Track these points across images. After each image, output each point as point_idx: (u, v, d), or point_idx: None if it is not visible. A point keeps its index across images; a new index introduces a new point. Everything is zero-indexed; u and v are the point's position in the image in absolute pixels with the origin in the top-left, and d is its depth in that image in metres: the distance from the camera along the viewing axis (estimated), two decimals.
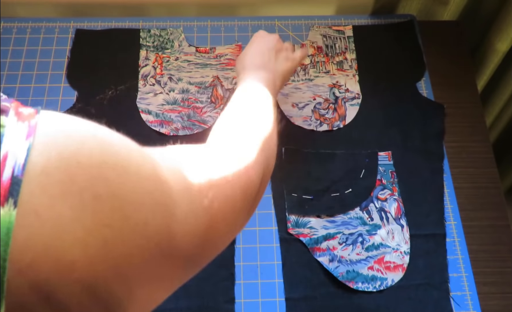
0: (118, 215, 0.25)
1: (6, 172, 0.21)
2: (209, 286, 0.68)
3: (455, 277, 0.71)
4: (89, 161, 0.24)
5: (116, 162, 0.26)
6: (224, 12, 0.95)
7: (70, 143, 0.24)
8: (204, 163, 0.37)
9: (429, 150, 0.80)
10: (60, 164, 0.23)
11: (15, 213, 0.21)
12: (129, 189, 0.26)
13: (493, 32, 0.92)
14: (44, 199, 0.22)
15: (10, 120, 0.23)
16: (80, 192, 0.23)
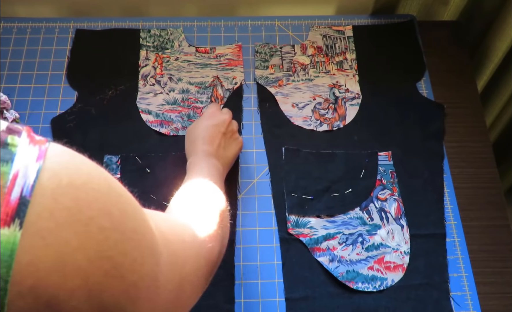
0: (119, 249, 0.25)
1: (15, 192, 0.21)
2: (209, 286, 0.68)
3: (455, 277, 0.71)
4: (97, 194, 0.25)
5: (119, 201, 0.27)
6: (224, 12, 0.95)
7: (80, 174, 0.24)
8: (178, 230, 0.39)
9: (429, 150, 0.80)
10: (70, 191, 0.23)
11: (19, 234, 0.21)
12: (129, 227, 0.27)
13: (493, 32, 0.92)
14: (51, 223, 0.22)
15: (23, 141, 0.23)
16: (87, 221, 0.23)
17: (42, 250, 0.21)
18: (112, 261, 0.25)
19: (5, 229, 0.20)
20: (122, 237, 0.26)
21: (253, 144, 0.80)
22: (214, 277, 0.68)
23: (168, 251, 0.33)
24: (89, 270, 0.23)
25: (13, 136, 0.23)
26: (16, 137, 0.23)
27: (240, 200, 0.75)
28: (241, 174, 0.77)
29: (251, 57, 0.88)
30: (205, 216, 0.47)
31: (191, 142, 0.67)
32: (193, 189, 0.54)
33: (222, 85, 0.84)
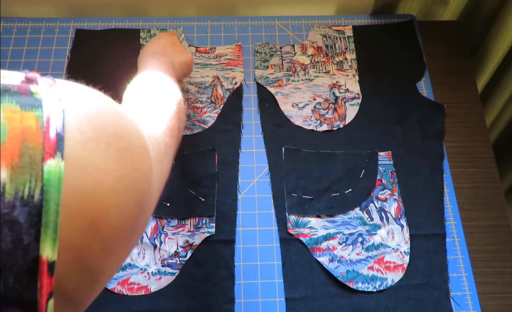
0: (133, 166, 0.29)
1: (52, 130, 0.24)
2: (209, 286, 0.68)
3: (455, 277, 0.71)
4: (108, 121, 0.28)
5: (124, 123, 0.30)
6: (224, 12, 0.95)
7: (92, 105, 0.28)
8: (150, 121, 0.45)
9: (429, 150, 0.80)
10: (89, 123, 0.27)
11: (63, 164, 0.24)
12: (135, 144, 0.31)
13: (493, 32, 0.92)
14: (84, 153, 0.25)
15: (42, 88, 0.26)
16: (107, 146, 0.27)
17: (83, 175, 0.25)
18: (129, 178, 0.28)
19: (51, 160, 0.23)
20: (132, 155, 0.29)
21: (253, 144, 0.80)
22: (214, 277, 0.69)
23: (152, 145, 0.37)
24: (116, 188, 0.27)
25: (34, 85, 0.26)
26: (36, 85, 0.26)
27: (240, 200, 0.75)
28: (241, 174, 0.77)
29: (251, 57, 0.88)
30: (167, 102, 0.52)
31: (141, 57, 0.70)
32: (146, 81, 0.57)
33: (222, 85, 0.84)
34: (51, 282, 0.23)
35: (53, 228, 0.23)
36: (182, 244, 0.70)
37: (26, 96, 0.25)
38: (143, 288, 0.68)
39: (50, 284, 0.23)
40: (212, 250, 0.71)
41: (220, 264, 0.70)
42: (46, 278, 0.23)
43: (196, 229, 0.72)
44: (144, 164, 0.31)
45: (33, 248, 0.22)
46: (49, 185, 0.23)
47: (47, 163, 0.23)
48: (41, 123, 0.24)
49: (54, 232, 0.23)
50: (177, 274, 0.69)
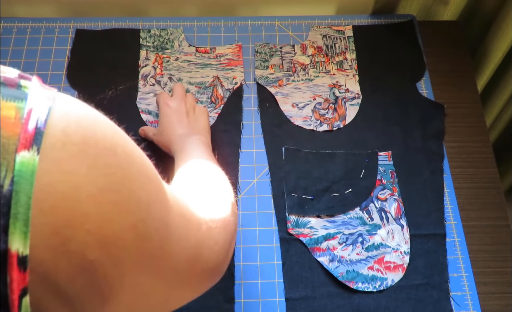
0: (126, 185, 0.28)
1: (31, 123, 0.24)
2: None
3: (455, 277, 0.71)
4: (102, 135, 0.27)
5: (125, 144, 0.29)
6: (224, 12, 0.95)
7: (87, 117, 0.27)
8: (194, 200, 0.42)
9: (429, 150, 0.80)
10: (78, 129, 0.26)
11: (38, 158, 0.23)
12: (134, 169, 0.29)
13: (493, 32, 0.92)
14: (64, 153, 0.24)
15: (34, 84, 0.26)
16: (94, 156, 0.26)
17: (58, 175, 0.24)
18: (120, 195, 0.27)
19: (25, 152, 0.23)
20: (127, 174, 0.28)
21: (253, 144, 0.80)
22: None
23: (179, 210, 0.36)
24: (100, 198, 0.26)
25: (25, 80, 0.26)
26: (28, 81, 0.26)
27: (240, 200, 0.75)
28: (241, 174, 0.77)
29: (251, 57, 0.88)
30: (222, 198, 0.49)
31: (163, 136, 0.70)
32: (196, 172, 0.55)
33: (222, 85, 0.84)
34: (24, 278, 0.22)
35: (23, 220, 0.22)
36: None
37: (12, 88, 0.24)
38: None
39: (23, 279, 0.22)
40: None
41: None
42: (17, 273, 0.22)
43: None
44: (146, 193, 0.30)
45: (2, 240, 0.22)
46: (20, 176, 0.22)
47: (20, 154, 0.23)
48: (21, 115, 0.24)
49: (25, 225, 0.22)
50: None
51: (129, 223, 0.28)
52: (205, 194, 0.48)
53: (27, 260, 0.22)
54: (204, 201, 0.45)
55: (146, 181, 0.30)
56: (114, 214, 0.26)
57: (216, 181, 0.54)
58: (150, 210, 0.30)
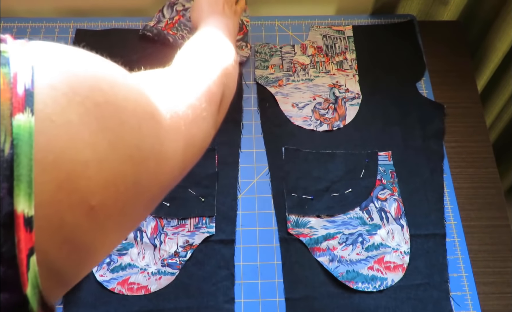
0: (116, 119, 0.28)
1: (20, 86, 0.24)
2: (209, 286, 0.68)
3: (455, 277, 0.71)
4: (85, 73, 0.27)
5: (107, 75, 0.29)
6: None
7: (66, 61, 0.27)
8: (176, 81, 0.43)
9: (429, 150, 0.80)
10: (62, 78, 0.26)
11: (33, 119, 0.23)
12: (121, 97, 0.29)
13: (493, 32, 0.92)
14: (55, 107, 0.25)
15: (11, 46, 0.26)
16: (82, 101, 0.26)
17: (54, 130, 0.24)
18: (113, 131, 0.27)
19: (20, 115, 0.23)
20: (116, 107, 0.28)
21: (253, 145, 0.80)
22: (214, 277, 0.69)
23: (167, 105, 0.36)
24: (95, 142, 0.26)
25: (2, 44, 0.26)
26: (4, 44, 0.26)
27: (240, 200, 0.75)
28: (241, 174, 0.77)
29: (251, 57, 0.88)
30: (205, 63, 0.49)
31: (196, 11, 0.69)
32: (198, 42, 0.55)
33: None
34: (30, 238, 0.23)
35: (26, 182, 0.23)
36: (182, 244, 0.70)
37: None
38: (143, 288, 0.68)
39: (30, 239, 0.23)
40: (212, 250, 0.71)
41: (220, 264, 0.70)
42: (24, 233, 0.23)
43: (196, 229, 0.72)
44: (136, 118, 0.30)
45: (7, 202, 0.22)
46: (19, 139, 0.23)
47: (16, 117, 0.23)
48: (8, 80, 0.24)
49: (29, 186, 0.23)
50: (177, 274, 0.69)
51: (126, 155, 0.28)
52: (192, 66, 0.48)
53: (32, 220, 0.23)
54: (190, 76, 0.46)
55: (134, 104, 0.30)
56: (111, 152, 0.27)
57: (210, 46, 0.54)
58: (142, 133, 0.30)
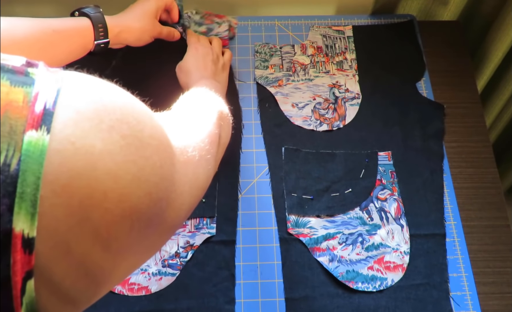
0: (141, 154, 0.28)
1: (39, 105, 0.24)
2: (210, 286, 0.68)
3: (455, 277, 0.71)
4: (113, 106, 0.27)
5: (135, 110, 0.29)
6: (224, 12, 0.95)
7: (95, 90, 0.27)
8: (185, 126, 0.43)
9: (429, 150, 0.80)
10: (89, 105, 0.26)
11: (48, 138, 0.23)
12: (147, 134, 0.29)
13: (493, 32, 0.92)
14: (77, 130, 0.24)
15: (41, 71, 0.26)
16: (109, 129, 0.26)
17: (72, 153, 0.23)
18: (137, 165, 0.27)
19: (33, 131, 0.23)
20: (141, 142, 0.28)
21: (253, 145, 0.80)
22: (215, 278, 0.69)
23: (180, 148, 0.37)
24: (118, 173, 0.25)
25: (32, 68, 0.26)
26: (34, 69, 0.26)
27: (240, 200, 0.75)
28: (241, 174, 0.77)
29: (251, 57, 0.88)
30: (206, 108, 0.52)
31: (185, 74, 0.72)
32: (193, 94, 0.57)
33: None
34: (29, 261, 0.22)
35: (30, 201, 0.22)
36: (183, 245, 0.70)
37: (20, 75, 0.24)
38: (143, 288, 0.68)
39: (28, 262, 0.22)
40: (213, 250, 0.71)
41: (221, 265, 0.70)
42: (21, 254, 0.22)
43: (196, 230, 0.71)
44: (159, 156, 0.30)
45: (6, 219, 0.21)
46: (27, 155, 0.22)
47: (28, 134, 0.22)
48: (28, 99, 0.23)
49: (32, 206, 0.22)
50: (178, 275, 0.69)
51: (145, 192, 0.28)
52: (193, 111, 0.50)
53: (33, 242, 0.22)
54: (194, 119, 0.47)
55: (158, 143, 0.30)
56: (133, 187, 0.26)
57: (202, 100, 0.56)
58: (162, 172, 0.30)
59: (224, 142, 0.55)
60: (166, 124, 0.37)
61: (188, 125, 0.44)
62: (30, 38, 0.57)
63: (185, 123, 0.44)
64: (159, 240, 0.35)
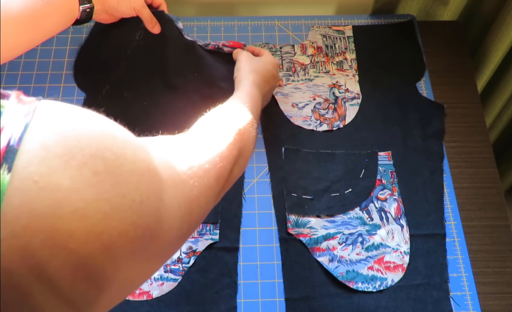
0: (116, 191, 0.26)
1: (2, 141, 0.22)
2: (211, 293, 0.68)
3: (455, 277, 0.71)
4: (88, 140, 0.26)
5: (114, 144, 0.27)
6: (224, 12, 0.95)
7: (70, 123, 0.26)
8: (186, 153, 0.40)
9: (429, 150, 0.80)
10: (59, 140, 0.24)
11: (8, 177, 0.22)
12: (126, 170, 0.27)
13: (493, 32, 0.92)
14: (42, 168, 0.23)
15: (10, 103, 0.25)
16: (79, 166, 0.24)
17: (35, 192, 0.22)
18: (110, 203, 0.25)
19: None
20: (118, 179, 0.26)
21: None
22: (217, 285, 0.68)
23: (174, 180, 0.35)
24: (87, 212, 0.24)
25: (3, 99, 0.24)
26: (4, 101, 0.24)
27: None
28: None
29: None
30: (219, 135, 0.48)
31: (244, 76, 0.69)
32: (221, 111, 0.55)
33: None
34: None
35: None
36: (185, 250, 0.70)
37: None
38: (145, 293, 0.67)
39: None
40: (215, 257, 0.70)
41: (223, 272, 0.69)
42: None
43: (199, 235, 0.71)
44: (139, 193, 0.28)
45: None
46: None
47: None
48: None
49: None
50: (180, 281, 0.68)
51: (120, 230, 0.26)
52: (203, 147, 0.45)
53: None
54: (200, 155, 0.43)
55: (139, 178, 0.29)
56: (104, 226, 0.25)
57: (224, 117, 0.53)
58: (142, 209, 0.28)
59: (235, 175, 0.51)
60: (164, 154, 0.35)
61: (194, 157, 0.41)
62: (24, 13, 0.58)
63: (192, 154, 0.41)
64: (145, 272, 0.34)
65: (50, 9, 0.62)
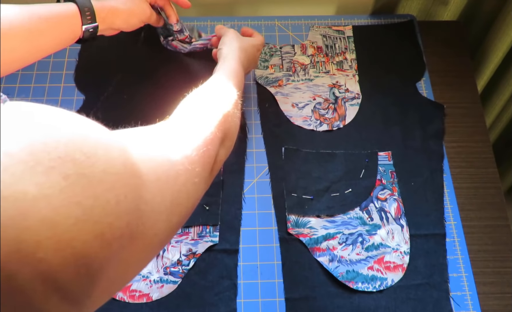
0: (88, 193, 0.25)
1: None
2: (211, 295, 0.68)
3: (455, 277, 0.71)
4: (56, 142, 0.24)
5: (85, 144, 0.26)
6: (224, 12, 0.95)
7: (36, 126, 0.24)
8: (168, 143, 0.39)
9: (429, 150, 0.80)
10: (24, 145, 0.23)
11: None
12: (99, 169, 0.26)
13: (493, 32, 0.92)
14: (5, 176, 0.21)
15: None
16: (46, 171, 0.23)
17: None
18: (82, 206, 0.24)
19: None
20: (90, 180, 0.25)
21: (253, 144, 0.80)
22: (216, 287, 0.68)
23: (156, 173, 0.33)
24: (56, 219, 0.23)
25: None
26: None
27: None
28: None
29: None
30: (203, 119, 0.46)
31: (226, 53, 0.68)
32: (204, 91, 0.54)
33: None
34: None
35: None
36: (185, 253, 0.70)
37: None
38: (144, 295, 0.67)
39: None
40: (215, 259, 0.70)
41: (223, 274, 0.69)
42: None
43: (199, 238, 0.71)
44: (115, 192, 0.27)
45: None
46: None
47: None
48: None
49: None
50: (179, 283, 0.68)
51: (95, 234, 0.25)
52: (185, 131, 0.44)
53: None
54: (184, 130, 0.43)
55: (114, 177, 0.27)
56: (76, 231, 0.24)
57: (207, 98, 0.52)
58: (119, 209, 0.27)
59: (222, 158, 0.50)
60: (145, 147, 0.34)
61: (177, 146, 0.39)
62: (17, 27, 0.56)
63: (175, 142, 0.40)
64: (133, 268, 0.33)
65: (47, 25, 0.60)
